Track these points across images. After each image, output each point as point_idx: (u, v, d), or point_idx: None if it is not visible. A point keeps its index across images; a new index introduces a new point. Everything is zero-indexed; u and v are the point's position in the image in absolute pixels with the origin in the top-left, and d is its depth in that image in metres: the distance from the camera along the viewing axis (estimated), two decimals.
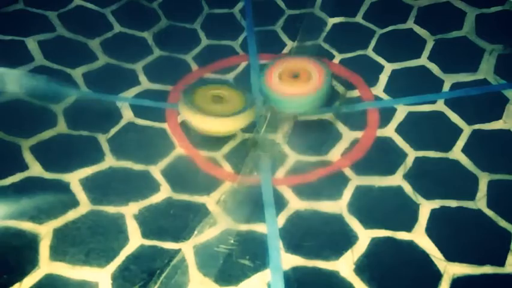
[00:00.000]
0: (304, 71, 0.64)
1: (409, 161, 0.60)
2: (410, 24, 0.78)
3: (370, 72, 0.72)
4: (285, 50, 0.78)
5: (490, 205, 0.54)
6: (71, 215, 0.53)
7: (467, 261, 0.49)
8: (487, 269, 0.48)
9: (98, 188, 0.56)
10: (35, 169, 0.56)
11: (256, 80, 0.71)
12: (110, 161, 0.59)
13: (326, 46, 0.77)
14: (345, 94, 0.70)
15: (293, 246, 0.51)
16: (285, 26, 0.81)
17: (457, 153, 0.60)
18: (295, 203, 0.56)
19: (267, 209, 0.55)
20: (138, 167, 0.59)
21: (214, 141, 0.63)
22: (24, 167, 0.56)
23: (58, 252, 0.49)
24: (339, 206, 0.55)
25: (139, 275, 0.48)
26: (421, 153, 0.61)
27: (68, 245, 0.50)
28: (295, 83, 0.63)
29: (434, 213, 0.54)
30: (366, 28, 0.79)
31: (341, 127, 0.65)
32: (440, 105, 0.66)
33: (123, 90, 0.69)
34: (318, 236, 0.52)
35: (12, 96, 0.64)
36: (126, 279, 0.47)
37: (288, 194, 0.57)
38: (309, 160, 0.61)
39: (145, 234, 0.52)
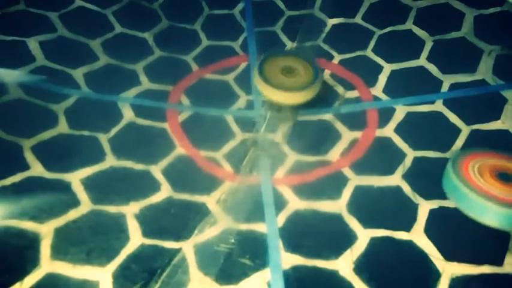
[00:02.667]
0: None
1: (408, 161, 0.60)
2: (409, 25, 0.78)
3: (370, 73, 0.72)
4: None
5: None
6: (72, 214, 0.53)
7: (466, 261, 0.49)
8: (486, 269, 0.48)
9: (98, 187, 0.56)
10: (36, 169, 0.57)
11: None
12: (110, 161, 0.60)
13: (325, 47, 0.78)
14: (344, 94, 0.71)
15: (293, 246, 0.51)
16: (284, 26, 0.82)
17: None
18: (295, 203, 0.56)
19: (267, 208, 0.55)
20: (138, 166, 0.60)
21: (214, 141, 0.64)
22: (25, 166, 0.57)
23: (59, 251, 0.49)
24: (338, 205, 0.55)
25: (140, 274, 0.48)
26: (420, 153, 0.61)
27: (69, 244, 0.50)
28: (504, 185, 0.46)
29: (433, 213, 0.54)
30: (365, 29, 0.79)
31: (340, 127, 0.66)
32: (439, 106, 0.67)
33: (123, 90, 0.70)
34: (317, 235, 0.52)
35: (13, 96, 0.64)
36: (127, 278, 0.48)
37: (287, 193, 0.57)
38: (309, 160, 0.62)
39: (146, 234, 0.52)
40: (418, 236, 0.52)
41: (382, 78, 0.72)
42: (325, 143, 0.63)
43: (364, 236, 0.52)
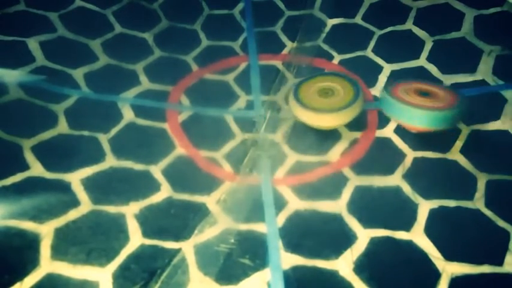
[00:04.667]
0: (434, 93, 0.61)
1: (408, 161, 0.60)
2: (409, 25, 0.78)
3: (369, 73, 0.72)
4: (285, 51, 0.78)
5: (488, 205, 0.54)
6: (72, 214, 0.53)
7: (466, 261, 0.49)
8: (486, 269, 0.48)
9: (98, 187, 0.56)
10: (36, 169, 0.57)
11: (255, 81, 0.71)
12: (110, 161, 0.60)
13: (325, 47, 0.78)
14: None
15: (293, 246, 0.51)
16: (284, 27, 0.82)
17: (455, 153, 0.61)
18: (295, 203, 0.56)
19: (267, 208, 0.55)
20: (138, 166, 0.60)
21: (214, 141, 0.64)
22: (25, 167, 0.57)
23: (59, 251, 0.49)
24: (338, 205, 0.55)
25: (140, 274, 0.48)
26: (420, 154, 0.61)
27: (68, 244, 0.50)
28: (425, 99, 0.59)
29: (432, 213, 0.54)
30: (365, 29, 0.79)
31: (340, 127, 0.66)
32: None
33: (123, 90, 0.70)
34: (317, 235, 0.52)
35: (13, 96, 0.64)
36: (127, 279, 0.48)
37: (287, 193, 0.57)
38: (309, 160, 0.62)
39: (146, 234, 0.52)
40: (418, 235, 0.52)
41: (382, 79, 0.72)
42: (325, 143, 0.63)
43: (364, 236, 0.52)
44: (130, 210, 0.54)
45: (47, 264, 0.48)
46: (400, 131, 0.64)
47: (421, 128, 0.59)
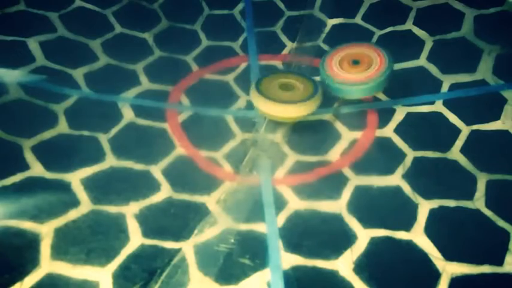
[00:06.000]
0: (364, 58, 0.66)
1: (408, 161, 0.60)
2: (409, 25, 0.78)
3: None
4: (285, 51, 0.78)
5: (488, 205, 0.54)
6: (72, 214, 0.53)
7: (466, 261, 0.49)
8: (486, 269, 0.48)
9: (98, 187, 0.56)
10: (36, 169, 0.57)
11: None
12: (110, 161, 0.60)
13: (325, 47, 0.78)
14: None
15: (293, 246, 0.51)
16: (284, 27, 0.82)
17: (455, 153, 0.61)
18: (295, 203, 0.56)
19: (267, 208, 0.55)
20: (138, 166, 0.60)
21: (214, 141, 0.64)
22: (25, 166, 0.57)
23: (59, 251, 0.49)
24: (338, 205, 0.55)
25: (140, 274, 0.48)
26: (420, 154, 0.61)
27: (68, 244, 0.50)
28: (355, 69, 0.65)
29: (433, 212, 0.54)
30: (365, 29, 0.79)
31: (340, 127, 0.66)
32: (439, 106, 0.67)
33: (123, 90, 0.70)
34: (317, 235, 0.52)
35: (13, 96, 0.64)
36: (126, 279, 0.48)
37: (287, 193, 0.57)
38: (309, 160, 0.62)
39: (145, 234, 0.52)
40: (418, 235, 0.52)
41: None
42: (325, 143, 0.63)
43: (364, 236, 0.52)
44: (130, 210, 0.54)
45: (47, 264, 0.48)
46: (400, 131, 0.64)
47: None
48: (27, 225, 0.51)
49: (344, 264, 0.49)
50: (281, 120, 0.64)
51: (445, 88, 0.69)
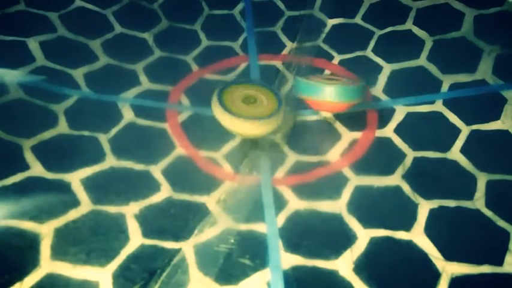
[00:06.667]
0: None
1: (408, 161, 0.60)
2: (409, 25, 0.78)
3: (370, 73, 0.72)
4: (285, 51, 0.78)
5: (488, 205, 0.54)
6: (72, 214, 0.53)
7: (466, 261, 0.49)
8: (486, 269, 0.48)
9: (98, 187, 0.56)
10: (36, 169, 0.57)
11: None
12: (110, 161, 0.60)
13: (325, 47, 0.78)
14: None
15: (292, 246, 0.51)
16: (284, 27, 0.82)
17: (455, 153, 0.61)
18: (295, 203, 0.56)
19: (267, 208, 0.55)
20: (138, 166, 0.60)
21: (214, 141, 0.64)
22: (25, 167, 0.57)
23: (59, 251, 0.49)
24: (338, 205, 0.55)
25: (140, 274, 0.48)
26: (420, 154, 0.61)
27: (68, 244, 0.50)
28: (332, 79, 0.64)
29: (432, 213, 0.54)
30: (365, 29, 0.79)
31: (340, 127, 0.66)
32: (439, 106, 0.67)
33: (123, 90, 0.70)
34: (317, 235, 0.52)
35: (13, 96, 0.64)
36: (126, 279, 0.48)
37: (287, 193, 0.57)
38: (309, 160, 0.62)
39: (145, 234, 0.52)
40: (418, 235, 0.52)
41: (382, 78, 0.72)
42: (325, 143, 0.63)
43: (364, 235, 0.52)
44: (130, 210, 0.54)
45: (47, 264, 0.48)
46: (400, 131, 0.64)
47: (336, 105, 0.62)
48: (27, 225, 0.51)
49: (344, 264, 0.49)
50: (239, 135, 0.61)
51: (445, 88, 0.69)
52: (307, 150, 0.63)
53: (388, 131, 0.64)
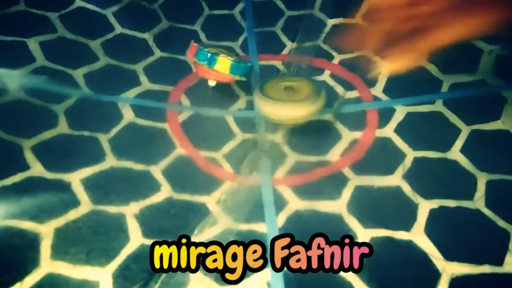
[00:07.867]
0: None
1: (408, 161, 0.60)
2: None
3: (369, 73, 0.72)
4: (285, 51, 0.78)
5: (488, 205, 0.54)
6: (72, 214, 0.53)
7: (466, 261, 0.49)
8: (486, 269, 0.48)
9: (99, 187, 0.56)
10: (36, 169, 0.57)
11: (256, 81, 0.71)
12: (110, 161, 0.60)
13: (325, 47, 0.78)
14: (344, 95, 0.71)
15: None
16: (284, 27, 0.82)
17: (455, 153, 0.61)
18: (295, 203, 0.56)
19: (267, 208, 0.55)
20: (138, 167, 0.60)
21: (214, 142, 0.64)
22: (25, 166, 0.57)
23: (59, 251, 0.49)
24: (338, 205, 0.55)
25: (140, 274, 0.48)
26: (420, 154, 0.61)
27: (69, 244, 0.50)
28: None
29: (433, 213, 0.54)
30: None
31: (340, 127, 0.66)
32: (439, 106, 0.67)
33: (124, 90, 0.70)
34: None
35: (13, 97, 0.64)
36: (126, 278, 0.48)
37: (287, 193, 0.57)
38: (309, 160, 0.62)
39: (146, 234, 0.52)
40: (418, 235, 0.52)
41: (382, 78, 0.72)
42: (325, 143, 0.64)
43: (364, 235, 0.52)
44: (130, 210, 0.54)
45: (47, 264, 0.48)
46: (400, 131, 0.64)
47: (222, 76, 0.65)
48: (28, 225, 0.51)
49: None
50: (289, 121, 0.63)
51: (445, 88, 0.69)
52: (307, 150, 0.63)
53: (388, 131, 0.64)
